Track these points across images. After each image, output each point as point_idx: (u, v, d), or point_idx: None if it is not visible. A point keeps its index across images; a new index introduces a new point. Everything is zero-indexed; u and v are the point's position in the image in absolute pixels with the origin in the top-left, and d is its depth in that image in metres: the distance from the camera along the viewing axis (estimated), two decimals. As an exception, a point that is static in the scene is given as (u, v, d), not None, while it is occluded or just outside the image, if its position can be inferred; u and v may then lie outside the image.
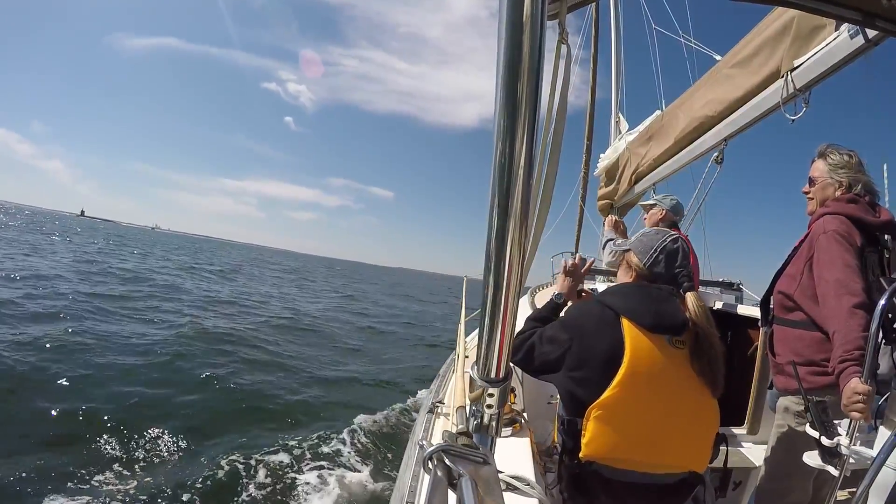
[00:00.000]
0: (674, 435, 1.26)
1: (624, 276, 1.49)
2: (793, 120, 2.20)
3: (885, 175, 1.90)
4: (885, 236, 1.66)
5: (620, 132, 4.84)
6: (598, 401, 1.23)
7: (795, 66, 2.11)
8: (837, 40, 1.89)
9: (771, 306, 1.88)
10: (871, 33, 1.69)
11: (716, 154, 2.90)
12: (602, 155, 4.68)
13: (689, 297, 1.35)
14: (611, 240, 3.04)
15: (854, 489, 1.23)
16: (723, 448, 1.45)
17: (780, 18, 2.21)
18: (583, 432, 1.25)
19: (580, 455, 1.26)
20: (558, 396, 1.42)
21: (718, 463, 1.56)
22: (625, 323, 1.28)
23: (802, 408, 1.62)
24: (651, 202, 3.08)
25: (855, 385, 1.30)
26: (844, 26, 1.83)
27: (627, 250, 1.48)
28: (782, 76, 2.19)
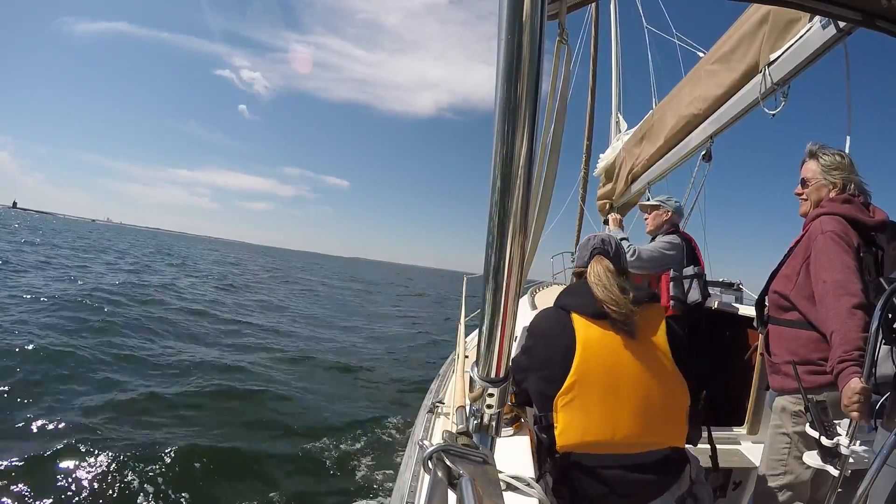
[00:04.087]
0: (641, 412, 1.30)
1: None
2: (773, 115, 2.20)
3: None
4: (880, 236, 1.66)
5: (620, 132, 4.85)
6: (560, 389, 1.31)
7: (772, 59, 2.11)
8: (810, 32, 1.90)
9: (766, 306, 1.88)
10: (842, 24, 1.68)
11: (703, 152, 2.90)
12: (602, 155, 4.68)
13: (592, 262, 1.47)
14: (624, 238, 2.93)
15: (854, 489, 1.23)
16: (720, 442, 1.47)
17: (756, 13, 2.20)
18: (555, 425, 1.31)
19: (557, 447, 1.31)
20: None
21: (720, 462, 1.56)
22: (574, 317, 1.39)
23: (799, 407, 1.62)
24: (654, 203, 3.02)
25: (855, 385, 1.30)
26: (816, 18, 1.81)
27: (575, 265, 1.65)
28: (760, 71, 2.19)
